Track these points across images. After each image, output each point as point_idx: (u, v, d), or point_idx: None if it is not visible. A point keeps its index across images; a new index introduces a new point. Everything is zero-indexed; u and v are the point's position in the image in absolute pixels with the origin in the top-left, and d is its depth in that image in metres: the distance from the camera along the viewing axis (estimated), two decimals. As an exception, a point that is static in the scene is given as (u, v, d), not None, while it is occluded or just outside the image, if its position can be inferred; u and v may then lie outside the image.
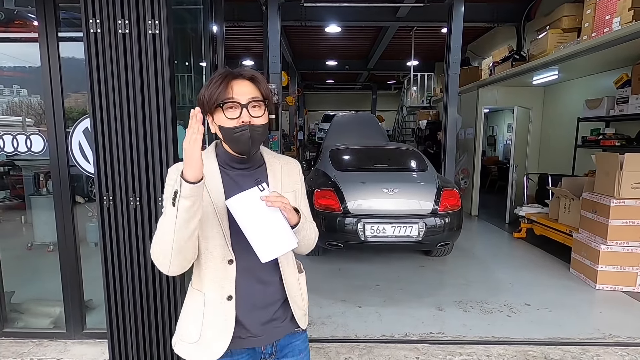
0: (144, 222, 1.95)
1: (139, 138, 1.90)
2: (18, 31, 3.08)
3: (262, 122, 1.01)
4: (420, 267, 4.03)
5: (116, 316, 2.02)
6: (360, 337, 2.62)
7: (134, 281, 1.99)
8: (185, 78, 2.90)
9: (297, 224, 1.01)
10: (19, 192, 4.93)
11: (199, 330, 1.03)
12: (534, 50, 5.48)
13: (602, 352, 2.44)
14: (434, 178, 3.94)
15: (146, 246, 1.96)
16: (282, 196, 0.96)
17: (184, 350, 1.06)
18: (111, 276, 1.99)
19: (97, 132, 1.89)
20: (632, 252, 3.32)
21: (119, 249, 1.97)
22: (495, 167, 9.24)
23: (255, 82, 1.01)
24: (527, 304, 3.13)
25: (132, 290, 1.99)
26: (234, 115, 0.98)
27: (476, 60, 8.81)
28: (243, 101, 0.98)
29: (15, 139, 2.42)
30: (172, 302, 2.02)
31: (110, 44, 1.83)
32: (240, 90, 0.99)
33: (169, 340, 2.04)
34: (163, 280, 1.99)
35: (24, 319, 2.66)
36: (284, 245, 0.95)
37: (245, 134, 0.99)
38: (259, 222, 0.93)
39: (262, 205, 0.92)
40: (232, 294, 1.02)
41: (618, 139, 4.53)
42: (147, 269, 1.98)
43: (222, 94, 0.97)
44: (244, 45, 10.53)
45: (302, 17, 6.66)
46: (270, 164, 1.12)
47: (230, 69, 1.02)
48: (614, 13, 3.88)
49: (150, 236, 1.95)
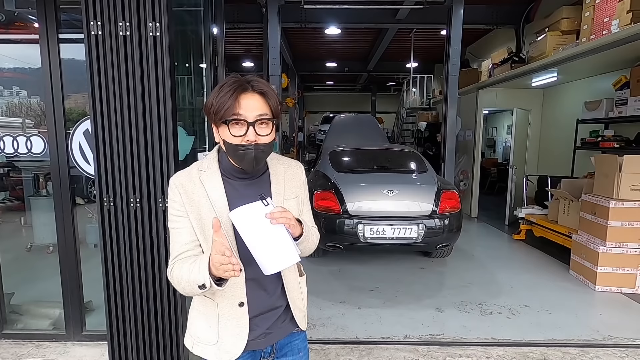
0: (144, 223, 1.95)
1: (139, 139, 1.90)
2: (18, 33, 3.08)
3: (268, 140, 0.98)
4: (419, 269, 4.03)
5: (116, 318, 2.02)
6: (360, 338, 2.62)
7: (134, 283, 1.99)
8: (186, 80, 2.90)
9: (300, 235, 0.99)
10: (19, 194, 4.93)
11: (217, 334, 1.05)
12: (533, 52, 5.50)
13: (601, 353, 2.44)
14: (434, 180, 3.95)
15: (146, 248, 1.97)
16: (286, 211, 0.93)
17: (204, 351, 1.08)
18: (111, 278, 1.99)
19: (98, 133, 1.89)
20: (631, 253, 3.32)
21: (119, 251, 1.97)
22: (495, 169, 9.25)
23: (266, 98, 0.97)
24: (527, 306, 3.13)
25: (132, 292, 1.99)
26: (240, 133, 0.95)
27: (475, 62, 8.84)
28: (250, 118, 0.94)
29: (16, 141, 2.42)
30: (172, 304, 2.02)
31: (111, 46, 1.84)
32: (248, 105, 0.94)
33: (168, 342, 2.04)
34: (163, 282, 1.99)
35: (23, 321, 2.66)
36: (287, 260, 0.94)
37: (249, 153, 0.96)
38: (262, 236, 0.91)
39: (266, 220, 0.91)
40: (243, 301, 1.04)
41: (617, 141, 4.54)
42: (147, 271, 1.98)
43: (229, 109, 0.93)
44: (244, 47, 10.55)
45: (302, 18, 6.67)
46: (274, 169, 1.10)
47: (242, 78, 0.97)
48: (612, 15, 3.90)
49: (151, 237, 1.96)
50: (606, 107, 4.65)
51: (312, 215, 1.20)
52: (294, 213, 1.03)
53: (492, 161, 9.93)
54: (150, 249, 1.97)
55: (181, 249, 1.01)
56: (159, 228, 1.95)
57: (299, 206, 1.13)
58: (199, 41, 2.70)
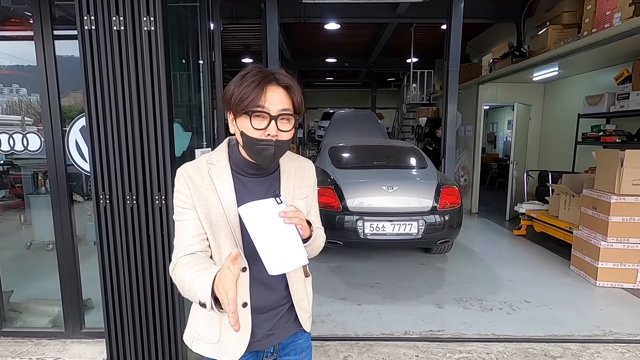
0: (141, 220, 1.93)
1: (135, 136, 1.88)
2: (15, 29, 3.05)
3: (288, 137, 0.94)
4: (420, 265, 4.03)
5: (114, 315, 2.01)
6: (360, 335, 2.62)
7: (131, 280, 1.98)
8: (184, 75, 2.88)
9: (309, 237, 0.96)
10: (18, 191, 4.92)
11: (218, 333, 1.03)
12: (534, 46, 5.45)
13: (602, 349, 2.44)
14: (434, 175, 3.93)
15: (143, 245, 1.95)
16: (299, 211, 0.89)
17: (204, 349, 1.05)
18: (108, 275, 1.98)
19: (93, 130, 1.87)
20: (632, 248, 3.31)
21: (115, 248, 1.95)
22: (496, 164, 9.23)
23: (290, 92, 0.93)
24: (527, 301, 3.12)
25: (130, 289, 1.98)
26: (261, 126, 0.91)
27: (476, 56, 8.77)
28: (273, 112, 0.90)
29: (12, 138, 2.40)
30: (169, 301, 2.01)
31: (105, 41, 1.81)
32: (273, 98, 0.90)
33: (166, 339, 2.04)
34: (160, 279, 1.98)
35: (22, 318, 2.66)
36: (295, 262, 0.90)
37: (269, 149, 0.92)
38: (271, 235, 0.88)
39: (277, 218, 0.88)
40: (247, 301, 1.01)
41: (618, 136, 4.52)
42: (145, 268, 1.97)
43: (254, 100, 0.89)
44: (242, 42, 10.49)
45: (301, 13, 6.62)
46: (285, 167, 1.06)
47: (266, 69, 0.93)
48: (614, 8, 3.85)
49: (147, 234, 1.95)
50: (608, 102, 4.61)
51: (319, 216, 1.17)
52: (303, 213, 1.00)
53: (493, 156, 9.91)
54: (147, 246, 1.95)
55: (187, 242, 0.97)
56: (155, 225, 1.94)
57: (308, 207, 1.10)
58: (195, 36, 2.67)
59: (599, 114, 4.78)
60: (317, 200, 1.16)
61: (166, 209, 1.92)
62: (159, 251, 1.96)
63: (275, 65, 5.53)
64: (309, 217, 1.08)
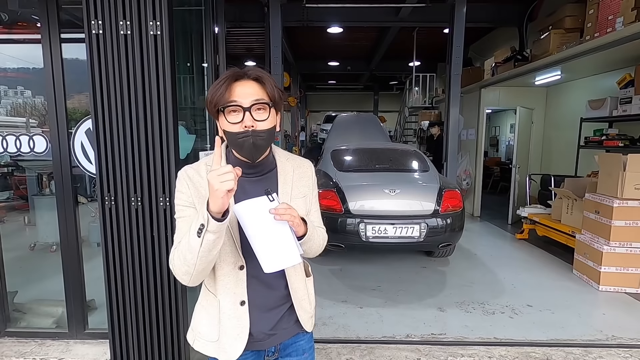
0: (146, 222, 1.95)
1: (140, 138, 1.90)
2: (22, 32, 3.09)
3: (266, 126, 0.97)
4: (421, 268, 4.02)
5: (117, 316, 2.03)
6: (362, 337, 2.62)
7: (135, 281, 1.99)
8: (188, 79, 2.91)
9: (304, 235, 0.98)
10: (23, 193, 4.95)
11: (217, 331, 1.05)
12: (536, 50, 5.46)
13: (604, 353, 2.43)
14: (436, 179, 3.93)
15: (147, 246, 1.97)
16: (291, 208, 0.91)
17: (204, 347, 1.08)
18: (112, 276, 1.99)
19: (99, 132, 1.90)
20: (635, 253, 3.30)
21: (120, 249, 1.97)
22: (498, 168, 9.21)
23: (261, 82, 0.96)
24: (530, 305, 3.12)
25: (134, 291, 2.00)
26: (237, 120, 0.94)
27: (478, 60, 8.80)
28: (245, 104, 0.94)
29: (19, 140, 2.43)
30: (173, 302, 2.03)
31: (112, 45, 1.84)
32: (243, 91, 0.94)
33: (170, 340, 2.05)
34: (164, 280, 2.00)
35: (26, 319, 2.67)
36: (288, 259, 0.92)
37: (248, 140, 0.95)
38: (264, 232, 0.90)
39: (270, 216, 0.89)
40: (244, 299, 1.03)
41: (621, 140, 4.51)
42: (149, 269, 1.99)
43: (225, 96, 0.93)
44: (246, 46, 10.56)
45: (304, 17, 6.66)
46: (282, 167, 1.09)
47: (236, 69, 0.98)
48: (617, 13, 3.86)
49: (152, 236, 1.96)
50: (610, 106, 4.61)
51: (320, 215, 1.18)
52: (301, 212, 1.01)
53: (495, 160, 9.89)
54: (151, 248, 1.97)
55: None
56: (160, 227, 1.96)
57: (307, 206, 1.12)
58: (200, 40, 2.70)
59: (602, 118, 4.78)
60: (317, 200, 1.18)
61: (170, 210, 1.94)
62: (163, 252, 1.97)
63: (278, 68, 5.57)
64: (308, 216, 1.10)
